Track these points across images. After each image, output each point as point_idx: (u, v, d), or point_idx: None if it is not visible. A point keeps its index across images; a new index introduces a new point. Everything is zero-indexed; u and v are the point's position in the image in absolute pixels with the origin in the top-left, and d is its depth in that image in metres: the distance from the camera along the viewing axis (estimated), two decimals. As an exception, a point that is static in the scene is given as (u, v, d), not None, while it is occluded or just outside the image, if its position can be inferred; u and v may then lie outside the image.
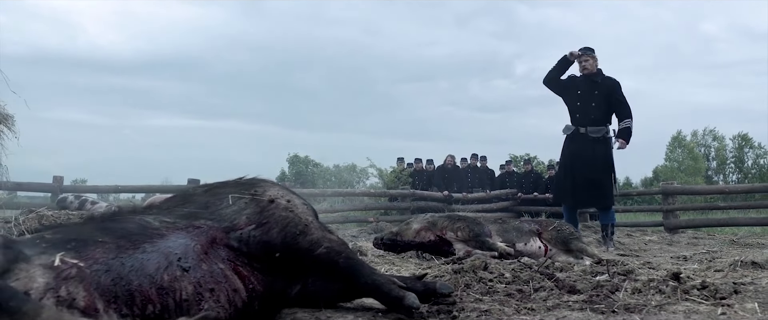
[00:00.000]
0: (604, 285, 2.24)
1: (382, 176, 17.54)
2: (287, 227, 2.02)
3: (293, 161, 33.50)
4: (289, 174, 32.91)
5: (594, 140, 6.01)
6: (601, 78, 6.13)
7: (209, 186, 2.23)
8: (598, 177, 6.02)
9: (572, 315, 1.76)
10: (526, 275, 2.54)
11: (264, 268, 2.01)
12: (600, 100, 6.06)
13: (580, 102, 6.12)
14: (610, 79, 6.15)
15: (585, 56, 6.13)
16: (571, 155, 6.13)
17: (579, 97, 6.13)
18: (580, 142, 6.08)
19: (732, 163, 41.31)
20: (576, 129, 6.11)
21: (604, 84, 6.11)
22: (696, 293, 2.07)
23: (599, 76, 6.15)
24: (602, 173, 6.02)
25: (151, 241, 1.83)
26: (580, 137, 6.08)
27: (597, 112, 6.05)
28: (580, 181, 5.99)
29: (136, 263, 1.73)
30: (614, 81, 6.14)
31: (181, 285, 1.76)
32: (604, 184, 6.00)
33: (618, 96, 6.07)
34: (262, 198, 2.09)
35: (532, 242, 4.24)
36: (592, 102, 6.09)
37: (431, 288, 2.02)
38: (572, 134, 6.14)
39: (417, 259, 4.05)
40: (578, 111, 6.13)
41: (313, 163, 33.92)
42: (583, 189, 5.99)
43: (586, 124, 6.05)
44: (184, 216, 2.01)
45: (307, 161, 33.63)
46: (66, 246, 1.69)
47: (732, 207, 11.25)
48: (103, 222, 1.95)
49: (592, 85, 6.10)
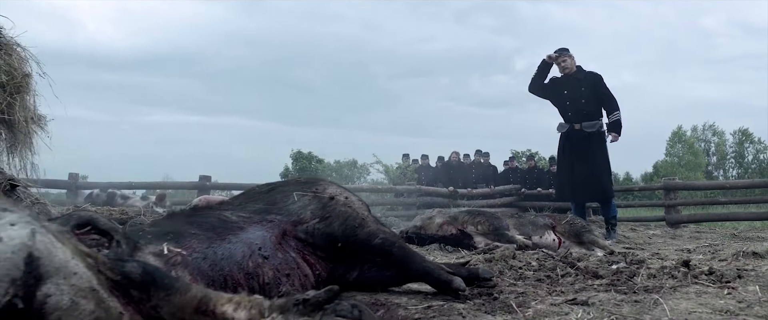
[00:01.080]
0: (622, 271, 2.53)
1: (388, 172, 17.84)
2: (347, 221, 2.31)
3: (297, 157, 33.73)
4: (292, 170, 33.17)
5: (589, 135, 6.17)
6: (584, 74, 6.34)
7: (273, 185, 2.51)
8: (597, 171, 6.18)
9: (599, 295, 2.05)
10: (551, 263, 2.84)
11: (327, 256, 2.30)
12: (588, 94, 6.24)
13: (569, 101, 6.29)
14: (592, 74, 6.35)
15: (562, 57, 6.33)
16: (569, 152, 6.30)
17: (567, 97, 6.31)
18: (575, 138, 6.25)
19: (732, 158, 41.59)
20: (571, 126, 6.27)
21: (588, 79, 6.30)
22: (704, 278, 2.36)
23: (581, 72, 6.35)
24: (600, 167, 6.20)
25: (234, 233, 2.12)
26: (575, 133, 6.25)
27: (588, 107, 6.22)
28: (580, 177, 6.16)
29: (225, 252, 2.01)
30: (597, 75, 6.34)
31: (263, 271, 2.05)
32: (603, 178, 6.20)
33: (603, 89, 6.26)
34: (323, 196, 2.38)
35: (547, 235, 4.53)
36: (581, 98, 6.26)
37: (474, 273, 2.31)
38: (567, 132, 6.32)
39: (440, 251, 4.33)
40: (569, 109, 6.30)
41: (316, 159, 34.17)
42: (584, 184, 6.16)
43: (580, 119, 6.21)
44: (256, 211, 2.30)
45: (310, 157, 33.84)
46: (166, 238, 1.98)
47: (732, 202, 11.54)
48: (188, 217, 2.23)
49: (577, 82, 6.30)
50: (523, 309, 1.91)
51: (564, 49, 6.43)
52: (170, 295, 1.42)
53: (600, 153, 6.22)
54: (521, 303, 2.00)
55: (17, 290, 1.19)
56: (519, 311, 1.88)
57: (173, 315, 1.42)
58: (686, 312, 1.70)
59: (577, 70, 6.36)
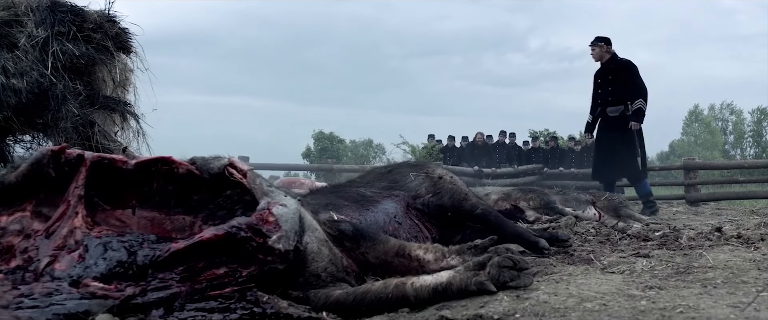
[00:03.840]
0: (667, 235, 3.17)
1: (414, 152, 18.50)
2: (454, 195, 2.96)
3: (318, 137, 34.59)
4: (314, 150, 33.95)
5: (613, 119, 6.93)
6: (614, 63, 7.03)
7: (390, 167, 3.17)
8: (620, 152, 6.87)
9: (653, 251, 2.68)
10: (605, 231, 3.48)
11: (438, 224, 2.96)
12: (614, 82, 6.94)
13: (600, 89, 7.10)
14: (622, 62, 7.03)
15: (592, 47, 7.06)
16: (599, 135, 7.15)
17: (599, 85, 7.12)
18: (604, 122, 7.08)
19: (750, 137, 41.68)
20: (601, 111, 7.06)
21: (616, 67, 7.00)
22: (734, 240, 2.98)
23: (612, 61, 7.03)
24: (623, 150, 6.88)
25: (373, 205, 2.78)
26: (604, 118, 7.07)
27: (612, 94, 6.94)
28: (603, 159, 6.96)
29: (372, 219, 2.67)
30: (626, 64, 7.01)
31: (399, 234, 2.71)
32: (626, 158, 6.90)
33: (630, 77, 6.93)
34: (433, 175, 3.03)
35: (589, 209, 5.16)
36: (608, 86, 7.00)
37: (554, 236, 2.96)
38: (598, 116, 7.13)
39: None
40: (600, 96, 7.10)
41: (337, 140, 34.99)
42: (606, 165, 6.94)
43: (606, 105, 7.00)
44: (384, 188, 2.95)
45: (332, 137, 34.70)
46: (328, 208, 2.63)
47: (751, 181, 12.07)
48: (331, 193, 2.89)
49: (606, 71, 7.04)
50: (598, 261, 2.55)
51: (596, 39, 7.05)
52: (375, 245, 2.09)
53: (622, 136, 6.87)
54: (594, 258, 2.65)
55: (296, 237, 1.86)
56: (596, 262, 2.53)
57: (377, 258, 2.08)
58: (724, 261, 2.32)
59: (610, 59, 6.98)
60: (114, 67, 4.07)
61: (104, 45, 3.98)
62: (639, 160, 6.83)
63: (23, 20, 3.82)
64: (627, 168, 6.91)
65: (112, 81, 4.12)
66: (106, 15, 4.04)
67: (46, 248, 1.74)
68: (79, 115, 3.81)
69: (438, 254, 2.03)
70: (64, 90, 3.75)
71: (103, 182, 1.95)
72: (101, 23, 3.99)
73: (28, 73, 3.65)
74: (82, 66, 3.89)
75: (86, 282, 1.59)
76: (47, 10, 3.87)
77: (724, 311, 1.43)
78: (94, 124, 4.02)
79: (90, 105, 3.94)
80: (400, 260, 2.06)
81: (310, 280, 1.89)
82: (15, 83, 3.59)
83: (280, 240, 1.76)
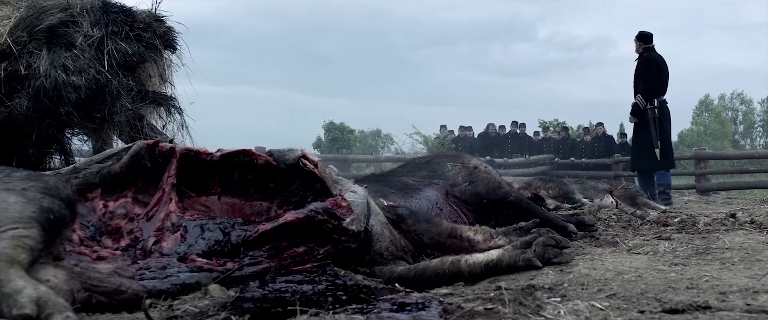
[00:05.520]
0: (685, 221, 3.41)
1: (427, 142, 18.78)
2: (489, 183, 3.21)
3: (329, 128, 34.84)
4: (325, 141, 34.21)
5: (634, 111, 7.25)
6: (640, 58, 7.30)
7: (429, 158, 3.43)
8: (636, 144, 7.38)
9: (674, 235, 2.93)
10: (626, 217, 3.72)
11: (474, 209, 3.21)
12: (636, 77, 7.33)
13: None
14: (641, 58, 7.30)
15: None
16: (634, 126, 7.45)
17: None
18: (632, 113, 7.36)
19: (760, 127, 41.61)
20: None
21: (639, 62, 7.30)
22: (748, 226, 3.22)
23: (640, 57, 7.31)
24: (639, 141, 7.27)
25: (417, 192, 3.03)
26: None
27: (635, 87, 7.31)
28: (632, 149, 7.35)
29: (416, 205, 2.93)
30: (642, 58, 7.30)
31: (441, 219, 2.96)
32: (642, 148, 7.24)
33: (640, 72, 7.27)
34: (469, 165, 3.28)
35: (606, 198, 5.39)
36: (633, 80, 7.31)
37: (581, 220, 3.21)
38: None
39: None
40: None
41: (348, 130, 35.23)
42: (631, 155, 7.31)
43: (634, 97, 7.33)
44: (424, 177, 3.20)
45: (342, 128, 34.93)
46: (378, 195, 2.89)
47: (761, 170, 12.24)
48: (377, 181, 3.15)
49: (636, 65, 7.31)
50: (624, 243, 2.80)
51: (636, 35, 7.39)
52: (430, 227, 2.34)
53: (639, 128, 7.22)
54: (620, 240, 2.89)
55: (365, 220, 2.12)
56: (622, 244, 2.77)
57: (432, 239, 2.34)
58: (740, 243, 2.56)
59: (639, 54, 7.27)
60: (162, 64, 4.33)
61: (153, 43, 4.24)
62: (657, 152, 7.05)
63: (79, 21, 4.07)
64: (644, 157, 7.23)
65: (160, 77, 4.38)
66: (154, 15, 4.30)
67: (148, 229, 2.01)
68: (131, 110, 4.08)
69: (486, 235, 2.28)
70: (119, 86, 4.02)
71: (188, 172, 2.21)
72: (150, 22, 4.24)
73: (86, 71, 3.91)
74: (133, 63, 4.15)
75: (192, 257, 1.86)
76: (100, 11, 4.13)
77: (743, 281, 1.68)
78: (142, 117, 4.29)
79: (141, 100, 4.20)
80: (452, 240, 2.32)
81: (375, 258, 2.15)
82: (75, 80, 3.86)
83: (353, 223, 2.03)
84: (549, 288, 1.73)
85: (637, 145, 7.39)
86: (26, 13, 4.00)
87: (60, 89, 3.81)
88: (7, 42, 3.88)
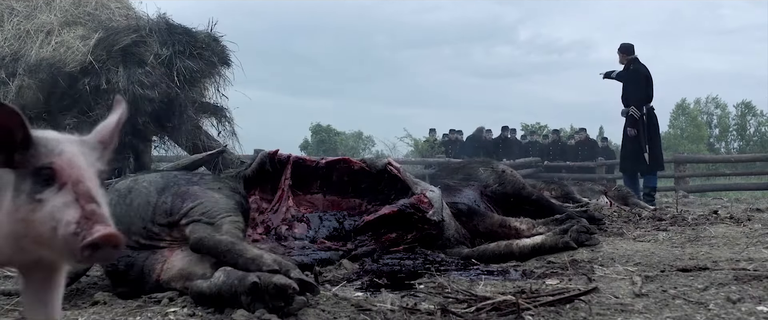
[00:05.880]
0: (675, 217, 4.10)
1: (417, 145, 19.46)
2: (515, 185, 3.84)
3: (316, 130, 35.43)
4: (312, 143, 34.73)
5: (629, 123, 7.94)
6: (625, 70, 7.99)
7: (463, 164, 4.06)
8: (625, 149, 7.99)
9: (669, 227, 3.60)
10: (625, 214, 4.40)
11: (502, 206, 3.84)
12: (623, 86, 7.96)
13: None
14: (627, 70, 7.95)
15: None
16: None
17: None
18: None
19: (734, 131, 42.87)
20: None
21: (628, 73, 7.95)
22: (727, 220, 3.90)
23: (626, 69, 7.99)
24: (627, 145, 7.95)
25: (458, 192, 3.65)
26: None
27: (626, 100, 7.94)
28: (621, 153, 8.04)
29: (459, 201, 3.55)
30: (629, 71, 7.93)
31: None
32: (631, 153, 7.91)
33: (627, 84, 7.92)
34: (498, 170, 3.91)
35: (602, 198, 6.08)
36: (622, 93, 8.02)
37: (591, 215, 3.86)
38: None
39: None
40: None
41: (334, 132, 35.84)
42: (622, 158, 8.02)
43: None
44: (461, 180, 3.83)
45: (329, 130, 35.53)
46: (428, 194, 3.51)
47: (735, 173, 13.10)
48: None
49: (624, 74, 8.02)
50: (628, 234, 3.45)
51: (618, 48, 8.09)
52: (484, 219, 2.98)
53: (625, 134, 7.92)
54: (625, 231, 3.55)
55: (441, 210, 2.74)
56: (627, 234, 3.43)
57: (486, 228, 2.97)
58: (722, 233, 3.24)
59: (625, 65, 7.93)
60: (218, 78, 4.92)
61: (212, 61, 4.83)
62: (646, 156, 7.73)
63: (148, 41, 4.65)
64: (633, 161, 7.92)
65: (216, 89, 4.97)
66: (212, 36, 4.88)
67: (276, 220, 2.61)
68: (195, 119, 4.66)
69: (529, 224, 2.92)
70: (185, 98, 4.60)
71: (296, 175, 2.82)
72: (209, 42, 4.83)
73: (158, 85, 4.49)
74: (196, 78, 4.73)
75: (321, 240, 2.47)
76: (166, 32, 4.71)
77: (728, 254, 2.34)
78: (200, 126, 4.87)
79: (201, 111, 4.78)
80: (502, 229, 2.96)
81: (445, 243, 2.78)
82: (149, 93, 4.43)
83: (434, 214, 2.65)
84: (588, 261, 2.37)
85: (626, 147, 8.03)
86: (105, 34, 4.56)
87: (137, 102, 4.38)
88: (89, 60, 4.45)
